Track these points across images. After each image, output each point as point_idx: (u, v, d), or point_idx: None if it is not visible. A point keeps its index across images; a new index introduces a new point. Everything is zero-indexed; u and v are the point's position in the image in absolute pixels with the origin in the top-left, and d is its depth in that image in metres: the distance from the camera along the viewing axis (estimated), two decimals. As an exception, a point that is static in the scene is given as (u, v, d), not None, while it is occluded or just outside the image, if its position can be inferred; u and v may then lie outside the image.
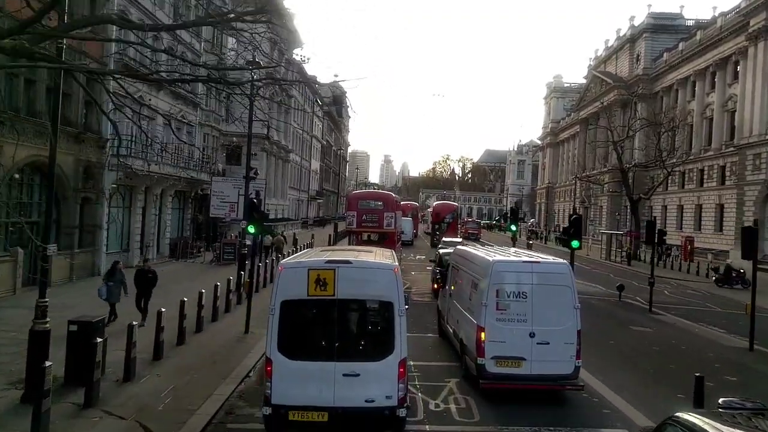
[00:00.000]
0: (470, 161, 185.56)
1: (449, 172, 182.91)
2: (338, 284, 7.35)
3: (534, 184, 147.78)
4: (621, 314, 21.14)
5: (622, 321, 19.76)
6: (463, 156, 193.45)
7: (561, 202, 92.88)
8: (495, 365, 9.55)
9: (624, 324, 19.12)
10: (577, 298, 9.90)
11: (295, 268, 7.79)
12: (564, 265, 10.32)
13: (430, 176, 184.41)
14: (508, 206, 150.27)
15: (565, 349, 9.63)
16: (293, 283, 7.50)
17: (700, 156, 49.20)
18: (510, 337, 9.59)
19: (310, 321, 7.72)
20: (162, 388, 9.86)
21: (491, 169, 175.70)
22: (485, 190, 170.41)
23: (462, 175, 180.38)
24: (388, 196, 28.61)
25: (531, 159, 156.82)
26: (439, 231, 47.04)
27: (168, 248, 27.29)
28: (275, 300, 7.48)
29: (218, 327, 15.22)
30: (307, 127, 68.98)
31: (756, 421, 5.02)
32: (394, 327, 7.43)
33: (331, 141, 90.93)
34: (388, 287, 7.53)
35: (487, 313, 9.63)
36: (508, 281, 9.92)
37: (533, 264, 10.13)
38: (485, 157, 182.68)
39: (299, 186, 64.03)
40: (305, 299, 7.49)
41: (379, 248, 11.09)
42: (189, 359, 11.84)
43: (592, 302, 22.20)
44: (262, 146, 44.61)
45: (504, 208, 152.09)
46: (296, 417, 7.13)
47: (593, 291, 26.09)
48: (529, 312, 9.62)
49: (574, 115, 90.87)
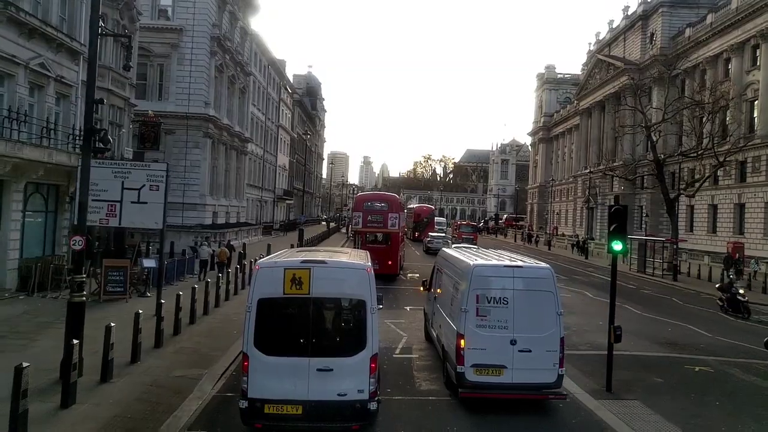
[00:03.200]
0: (452, 161, 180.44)
1: (431, 172, 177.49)
2: (313, 283, 7.58)
3: (518, 184, 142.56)
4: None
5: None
6: (445, 156, 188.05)
7: (557, 202, 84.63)
8: (474, 373, 9.21)
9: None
10: (560, 303, 9.53)
11: (271, 268, 7.90)
12: (546, 270, 9.83)
13: (411, 177, 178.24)
14: (491, 207, 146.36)
15: (548, 356, 9.23)
16: (269, 282, 7.67)
17: (741, 146, 40.78)
18: (490, 345, 9.24)
19: (286, 318, 7.89)
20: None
21: (473, 170, 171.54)
22: (467, 191, 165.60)
23: (444, 175, 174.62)
24: (393, 197, 29.31)
25: (515, 158, 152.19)
26: (417, 230, 55.45)
27: (17, 277, 17.42)
28: (252, 298, 7.62)
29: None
30: (273, 115, 59.17)
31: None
32: (366, 324, 7.66)
33: (304, 135, 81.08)
34: (360, 286, 7.77)
35: (467, 319, 9.33)
36: (488, 286, 9.53)
37: (515, 269, 9.70)
38: (466, 157, 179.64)
39: (262, 184, 54.16)
40: (281, 297, 7.68)
41: (354, 250, 12.49)
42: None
43: (730, 373, 12.91)
44: (206, 130, 34.86)
45: (486, 209, 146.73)
46: (271, 410, 7.35)
47: (710, 343, 15.82)
48: (510, 318, 9.28)
49: (570, 108, 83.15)
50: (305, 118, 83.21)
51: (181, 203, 34.27)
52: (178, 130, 34.38)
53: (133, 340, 11.01)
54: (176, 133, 34.42)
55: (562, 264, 40.88)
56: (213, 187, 37.45)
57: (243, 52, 42.86)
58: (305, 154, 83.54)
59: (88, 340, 10.24)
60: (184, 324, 14.16)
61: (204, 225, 34.34)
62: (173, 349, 12.27)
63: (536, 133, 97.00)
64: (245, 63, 43.42)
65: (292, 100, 69.77)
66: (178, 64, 34.25)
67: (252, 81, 47.40)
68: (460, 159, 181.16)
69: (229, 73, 39.58)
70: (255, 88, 49.86)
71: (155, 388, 9.76)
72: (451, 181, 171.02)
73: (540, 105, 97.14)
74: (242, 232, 39.58)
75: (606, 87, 63.52)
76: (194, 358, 11.72)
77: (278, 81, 60.54)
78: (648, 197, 54.88)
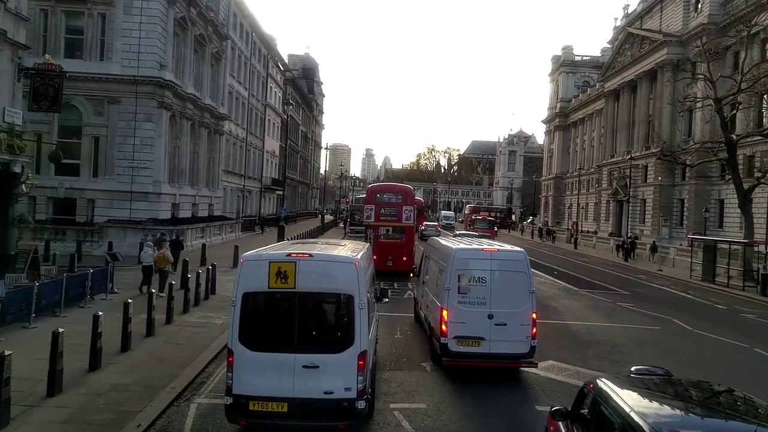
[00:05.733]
0: (457, 152, 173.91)
1: (435, 164, 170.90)
2: (299, 277, 7.39)
3: (527, 176, 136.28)
4: None
5: None
6: (450, 147, 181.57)
7: (575, 195, 77.09)
8: (456, 344, 10.12)
9: None
10: (532, 282, 10.36)
11: (256, 261, 7.66)
12: (520, 253, 10.76)
13: (414, 169, 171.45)
14: (498, 200, 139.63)
15: (522, 329, 10.10)
16: (254, 276, 7.47)
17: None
18: (470, 319, 10.11)
19: (271, 313, 7.74)
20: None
21: (478, 161, 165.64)
22: (473, 183, 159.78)
23: (448, 167, 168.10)
24: (407, 188, 27.70)
25: (523, 149, 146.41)
26: None
27: None
28: (237, 292, 7.44)
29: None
30: (258, 92, 51.65)
31: (662, 385, 5.39)
32: (354, 320, 7.46)
33: (298, 119, 73.50)
34: (348, 281, 7.57)
35: (450, 296, 10.24)
36: (468, 267, 10.44)
37: (492, 252, 10.72)
38: (472, 149, 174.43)
39: (244, 171, 46.68)
40: (266, 291, 7.51)
41: (351, 242, 11.57)
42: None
43: None
44: (161, 99, 27.48)
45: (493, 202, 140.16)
46: (256, 407, 7.18)
47: None
48: (488, 296, 10.15)
49: (592, 91, 75.51)
50: (300, 101, 75.60)
51: (128, 192, 26.98)
52: (124, 99, 26.98)
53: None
54: (122, 103, 27.01)
55: (607, 270, 33.48)
56: (174, 173, 30.10)
57: (217, 9, 35.35)
58: (300, 140, 75.99)
59: None
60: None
61: (158, 220, 27.05)
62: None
63: (552, 120, 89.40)
64: (220, 24, 35.93)
65: (284, 78, 62.08)
66: (124, 14, 26.83)
67: (230, 47, 39.88)
68: (465, 150, 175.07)
69: (197, 32, 32.11)
70: (235, 57, 42.32)
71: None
72: (455, 173, 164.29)
73: (556, 90, 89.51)
74: (213, 228, 32.18)
75: (639, 64, 55.95)
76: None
77: (265, 53, 52.86)
78: (691, 189, 47.48)
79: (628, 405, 4.52)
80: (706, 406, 5.04)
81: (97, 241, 25.33)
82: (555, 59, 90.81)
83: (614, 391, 4.88)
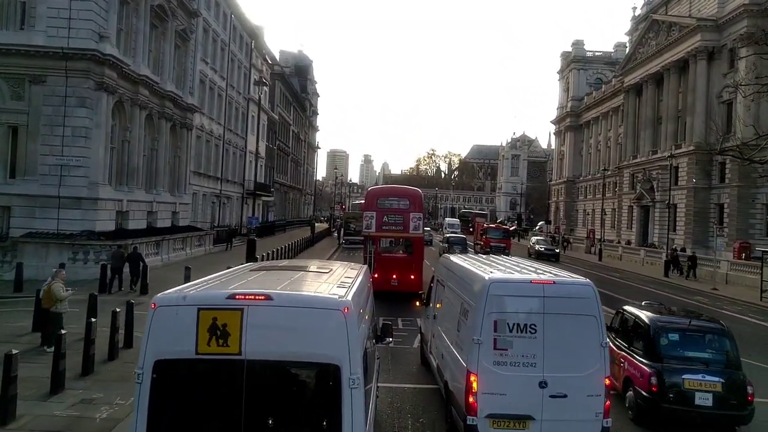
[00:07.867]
0: (458, 157, 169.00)
1: (435, 169, 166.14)
2: (247, 334, 4.32)
3: (530, 181, 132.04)
4: None
5: None
6: (450, 152, 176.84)
7: (591, 200, 71.28)
8: (491, 426, 6.96)
9: None
10: (605, 332, 7.12)
11: (176, 306, 4.43)
12: (588, 287, 7.22)
13: (414, 174, 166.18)
14: (500, 206, 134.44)
15: (589, 403, 6.98)
16: (174, 332, 4.38)
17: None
18: (512, 388, 6.97)
19: (201, 396, 4.47)
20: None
21: (480, 166, 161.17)
22: (474, 189, 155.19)
23: (449, 172, 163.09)
24: (415, 192, 22.21)
25: (526, 153, 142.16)
26: None
27: None
28: (144, 359, 4.40)
29: None
30: (239, 84, 45.78)
31: (657, 308, 10.88)
32: (341, 407, 4.28)
33: (289, 118, 67.62)
34: (331, 340, 4.34)
35: (481, 353, 6.99)
36: (510, 309, 7.12)
37: (546, 285, 7.19)
38: (473, 153, 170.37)
39: (221, 173, 40.71)
40: (193, 359, 4.36)
41: (342, 264, 7.74)
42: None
43: None
44: (99, 78, 21.62)
45: (496, 208, 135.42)
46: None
47: None
48: (539, 352, 6.96)
49: (607, 88, 69.90)
50: (292, 99, 69.78)
51: (56, 197, 21.08)
52: (51, 78, 21.17)
53: None
54: (48, 83, 21.19)
55: (651, 288, 27.49)
56: (121, 173, 24.22)
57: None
58: (291, 141, 70.11)
59: None
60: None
61: (95, 232, 21.13)
62: None
63: (562, 120, 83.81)
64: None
65: (272, 72, 56.25)
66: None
67: (202, 28, 34.09)
68: (466, 155, 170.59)
69: (155, 1, 26.29)
70: (209, 40, 36.50)
71: None
72: (456, 178, 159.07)
73: (566, 88, 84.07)
74: (172, 242, 26.18)
75: (666, 54, 50.35)
76: None
77: (249, 41, 47.04)
78: (733, 192, 41.73)
79: (640, 313, 10.05)
80: (679, 314, 10.67)
81: (10, 261, 19.39)
82: (564, 55, 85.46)
83: (632, 310, 10.39)
